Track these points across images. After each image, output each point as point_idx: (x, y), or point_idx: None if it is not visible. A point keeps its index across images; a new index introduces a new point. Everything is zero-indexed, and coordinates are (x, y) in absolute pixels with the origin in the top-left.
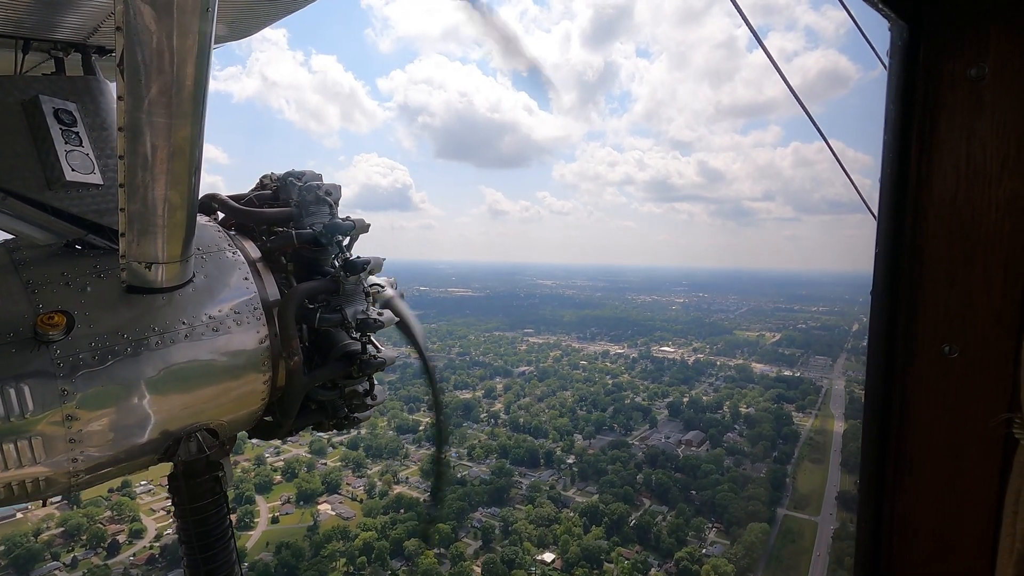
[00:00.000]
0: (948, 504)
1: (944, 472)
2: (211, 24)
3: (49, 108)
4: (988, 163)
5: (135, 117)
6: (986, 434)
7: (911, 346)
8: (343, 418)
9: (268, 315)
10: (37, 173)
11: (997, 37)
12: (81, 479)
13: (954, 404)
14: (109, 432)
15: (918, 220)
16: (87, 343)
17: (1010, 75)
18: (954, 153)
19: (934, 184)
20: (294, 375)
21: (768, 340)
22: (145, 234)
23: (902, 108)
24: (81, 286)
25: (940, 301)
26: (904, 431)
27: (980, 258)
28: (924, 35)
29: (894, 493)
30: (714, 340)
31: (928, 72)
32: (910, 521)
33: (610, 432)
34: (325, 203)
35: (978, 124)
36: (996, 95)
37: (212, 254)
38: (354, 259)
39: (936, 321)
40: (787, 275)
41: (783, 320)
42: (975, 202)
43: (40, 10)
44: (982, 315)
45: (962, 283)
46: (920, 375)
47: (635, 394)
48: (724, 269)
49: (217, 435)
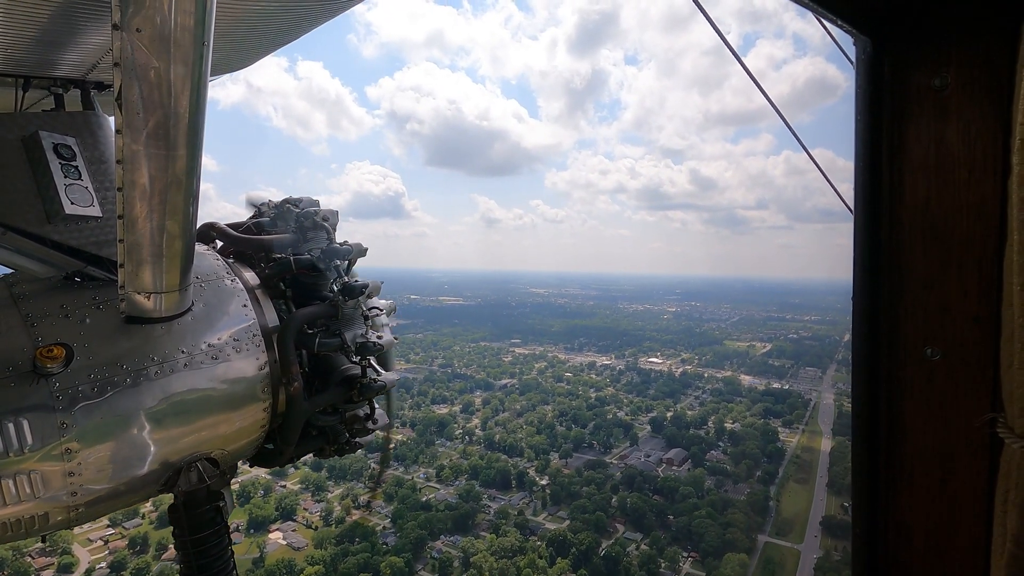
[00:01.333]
0: (940, 505)
1: (934, 473)
2: (207, 57)
3: (49, 143)
4: (956, 169)
5: (133, 150)
6: (972, 435)
7: (895, 350)
8: (344, 443)
9: (267, 342)
10: (37, 207)
11: (958, 48)
12: (80, 513)
13: (939, 406)
14: (109, 464)
15: (893, 226)
16: (86, 375)
17: (972, 84)
18: (923, 161)
19: (906, 191)
20: (294, 401)
21: (758, 351)
22: (144, 264)
23: (871, 119)
24: (80, 318)
25: (920, 305)
26: (893, 434)
27: (955, 262)
28: (888, 49)
29: (887, 496)
30: (703, 351)
31: (893, 84)
32: (904, 523)
33: (588, 450)
34: (323, 228)
35: (945, 132)
36: (960, 104)
37: (211, 282)
38: (352, 283)
39: (917, 325)
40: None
41: (774, 330)
42: (946, 207)
43: (40, 49)
44: (960, 318)
45: (939, 286)
46: (905, 378)
47: (618, 408)
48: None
49: (218, 464)
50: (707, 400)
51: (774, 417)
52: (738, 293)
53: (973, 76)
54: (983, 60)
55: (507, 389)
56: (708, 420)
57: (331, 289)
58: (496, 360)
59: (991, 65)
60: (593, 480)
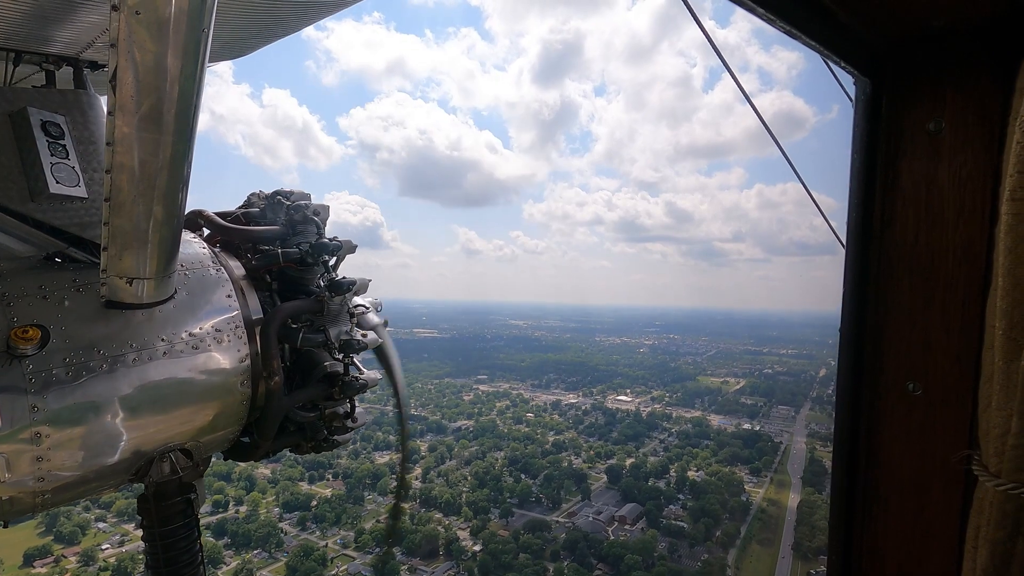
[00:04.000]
0: (914, 537)
1: (910, 506)
2: (207, 43)
3: (37, 120)
4: (946, 211)
5: (124, 132)
6: (948, 469)
7: (877, 382)
8: (322, 440)
9: (250, 334)
10: (21, 185)
11: (952, 95)
12: (47, 499)
13: (918, 440)
14: (79, 451)
15: (882, 262)
16: (62, 358)
17: (965, 130)
18: (915, 200)
19: (896, 228)
20: (274, 395)
21: (732, 387)
22: (128, 249)
23: (866, 157)
24: (59, 300)
25: (904, 339)
26: (871, 463)
27: (939, 299)
28: (886, 91)
29: (863, 526)
30: (675, 388)
31: (890, 125)
32: (878, 553)
33: (535, 506)
34: (312, 223)
35: (936, 174)
36: (952, 148)
37: (195, 271)
38: (339, 279)
39: (900, 358)
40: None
41: (750, 364)
42: (934, 247)
43: (34, 24)
44: (942, 355)
45: (923, 322)
46: (886, 410)
47: (575, 455)
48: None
49: (192, 456)
50: (672, 444)
51: (741, 464)
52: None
53: (967, 122)
54: (977, 108)
55: (460, 433)
56: (670, 468)
57: (318, 284)
58: (456, 399)
59: (984, 113)
60: (530, 546)
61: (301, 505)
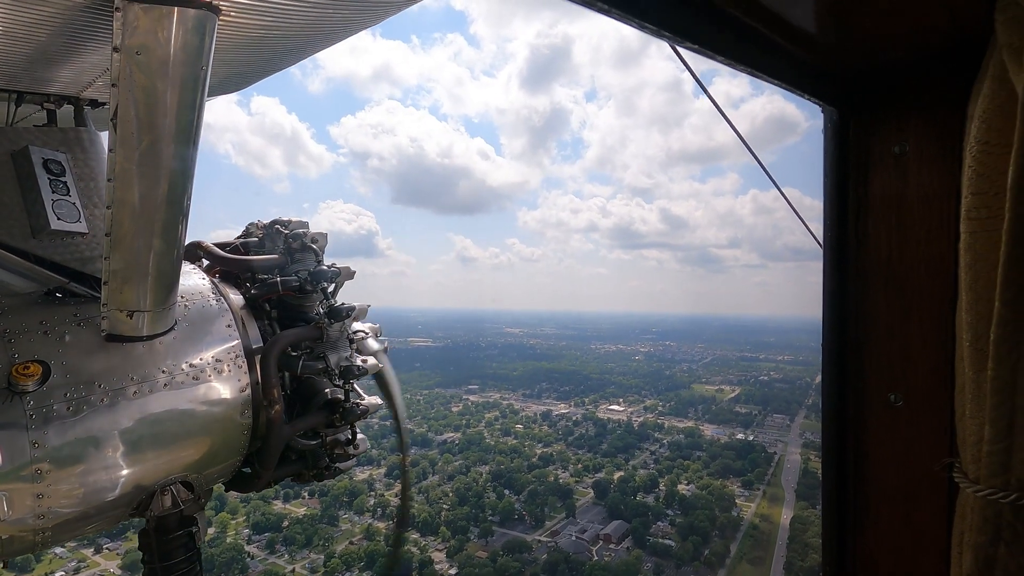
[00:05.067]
0: (904, 546)
1: (898, 514)
2: (206, 80)
3: (38, 158)
4: (915, 228)
5: (125, 168)
6: (932, 477)
7: (860, 395)
8: (324, 468)
9: (250, 363)
10: (23, 222)
11: (916, 119)
12: (47, 536)
13: (903, 450)
14: (80, 487)
15: (859, 277)
16: (62, 393)
17: (928, 152)
18: (886, 220)
19: (870, 247)
20: (275, 424)
21: (727, 395)
22: (129, 282)
23: (838, 180)
24: (60, 335)
25: (884, 352)
26: (859, 473)
27: (915, 313)
28: (853, 117)
29: (855, 534)
30: (669, 396)
31: (858, 148)
32: (870, 561)
33: (517, 524)
34: (310, 251)
35: (905, 194)
36: (918, 170)
37: (195, 302)
38: (338, 306)
39: (881, 371)
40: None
41: (746, 371)
42: (907, 262)
43: (37, 66)
44: (920, 366)
45: (901, 336)
46: (871, 422)
47: (563, 468)
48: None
49: (193, 488)
50: (663, 457)
51: (734, 476)
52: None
53: (929, 145)
54: (937, 131)
55: (446, 446)
56: (659, 482)
57: (317, 312)
58: (445, 411)
59: (944, 136)
60: (508, 569)
61: (272, 526)
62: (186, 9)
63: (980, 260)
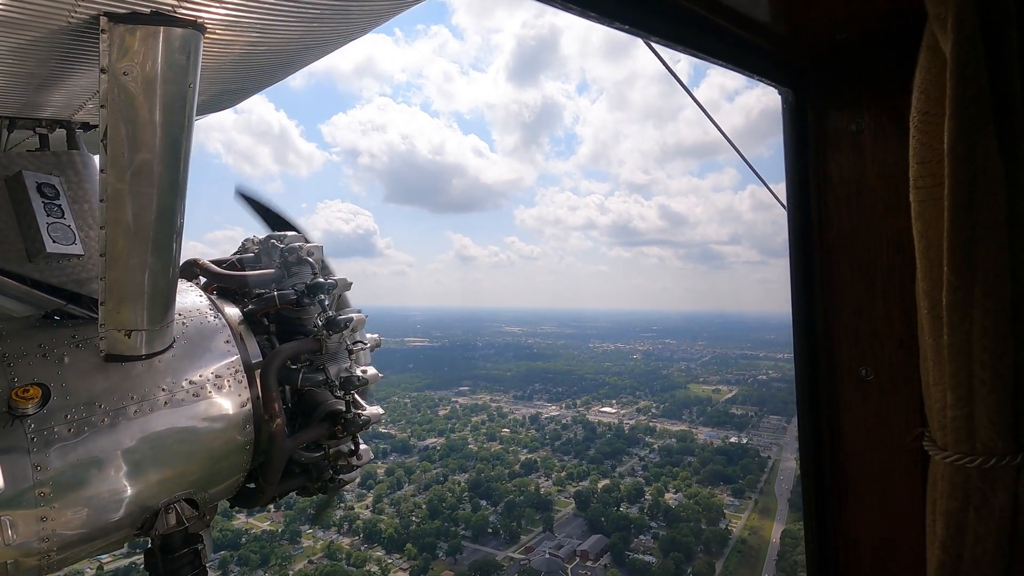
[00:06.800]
0: (883, 519)
1: (876, 489)
2: (194, 98)
3: (32, 183)
4: (876, 205)
5: (117, 188)
6: (906, 450)
7: (832, 372)
8: (328, 480)
9: (250, 378)
10: (18, 246)
11: (868, 97)
12: (52, 559)
13: (876, 424)
14: (83, 508)
15: (824, 257)
16: (63, 415)
17: (884, 129)
18: (847, 197)
19: (834, 225)
20: (277, 438)
21: (723, 396)
22: (125, 301)
23: (797, 159)
24: (58, 357)
25: (852, 329)
26: (835, 452)
27: (880, 289)
28: (809, 98)
29: (836, 513)
30: (663, 397)
31: (816, 129)
32: (852, 538)
33: (490, 539)
34: (307, 264)
35: (863, 172)
36: (875, 147)
37: (193, 319)
38: (336, 317)
39: (851, 348)
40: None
41: (744, 370)
42: (869, 240)
43: (28, 92)
44: (888, 341)
45: (868, 312)
46: (843, 399)
47: (546, 476)
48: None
49: (197, 505)
50: (652, 463)
51: (724, 483)
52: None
53: (883, 122)
54: (890, 106)
55: (426, 453)
56: (645, 492)
57: (315, 324)
58: (431, 414)
59: (898, 113)
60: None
61: (229, 543)
62: (171, 28)
63: (930, 227)
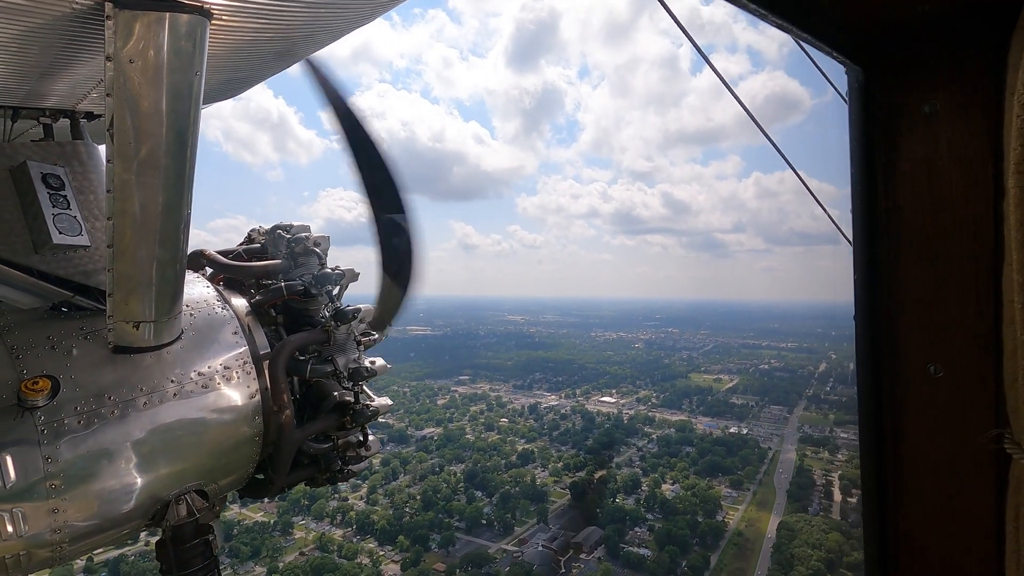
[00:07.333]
0: (949, 522)
1: (942, 490)
2: (200, 86)
3: (37, 173)
4: (950, 191)
5: (124, 179)
6: (978, 450)
7: (897, 369)
8: (337, 471)
9: (259, 369)
10: (24, 238)
11: (945, 75)
12: (64, 551)
13: (944, 423)
14: (94, 500)
15: (891, 247)
16: (72, 407)
17: (960, 110)
18: (917, 184)
19: (903, 213)
20: (286, 429)
21: (724, 385)
22: (133, 293)
23: (865, 143)
24: (67, 349)
25: (920, 323)
26: (899, 451)
27: (953, 281)
28: (879, 77)
29: (896, 513)
30: (664, 387)
31: (886, 110)
32: (914, 540)
33: (484, 531)
34: (314, 254)
35: (936, 156)
36: (950, 128)
37: (201, 310)
38: (344, 308)
39: (918, 343)
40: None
41: (747, 359)
42: (942, 228)
43: (31, 81)
44: (961, 336)
45: (938, 305)
46: (909, 396)
47: (542, 467)
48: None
49: (207, 496)
50: (649, 453)
51: (722, 474)
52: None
53: (961, 101)
54: (970, 86)
55: (423, 443)
56: (642, 483)
57: (323, 315)
58: (430, 404)
59: (978, 90)
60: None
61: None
62: (177, 14)
63: None
